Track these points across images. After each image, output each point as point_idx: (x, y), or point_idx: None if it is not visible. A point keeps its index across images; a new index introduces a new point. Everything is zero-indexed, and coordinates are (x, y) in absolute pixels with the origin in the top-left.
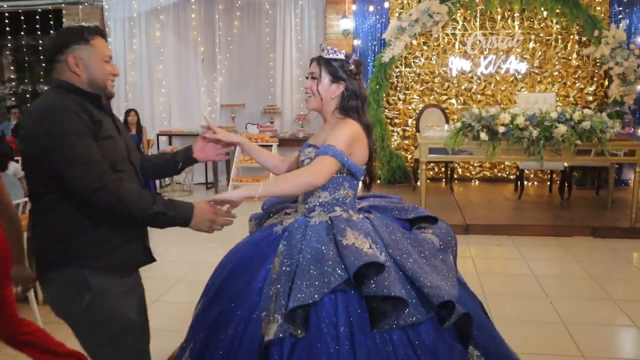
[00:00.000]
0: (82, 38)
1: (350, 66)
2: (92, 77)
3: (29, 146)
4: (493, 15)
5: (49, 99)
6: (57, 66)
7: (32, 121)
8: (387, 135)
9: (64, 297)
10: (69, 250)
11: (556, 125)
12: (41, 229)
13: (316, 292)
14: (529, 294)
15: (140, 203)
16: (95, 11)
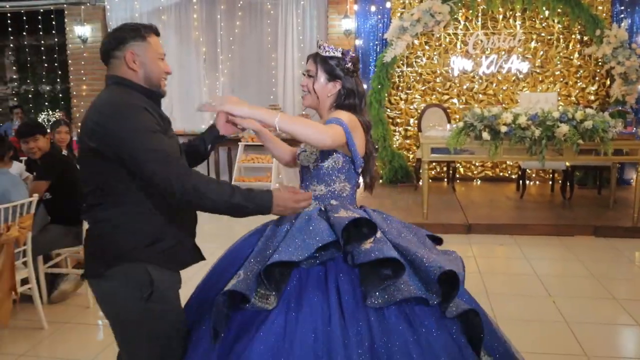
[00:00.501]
0: (139, 34)
1: (347, 64)
2: (147, 73)
3: (101, 143)
4: (495, 15)
5: (115, 96)
6: (114, 62)
7: (105, 118)
8: (389, 135)
9: (125, 292)
10: (132, 245)
11: (558, 124)
12: (104, 225)
13: (299, 251)
14: (532, 293)
15: (220, 195)
16: (98, 11)
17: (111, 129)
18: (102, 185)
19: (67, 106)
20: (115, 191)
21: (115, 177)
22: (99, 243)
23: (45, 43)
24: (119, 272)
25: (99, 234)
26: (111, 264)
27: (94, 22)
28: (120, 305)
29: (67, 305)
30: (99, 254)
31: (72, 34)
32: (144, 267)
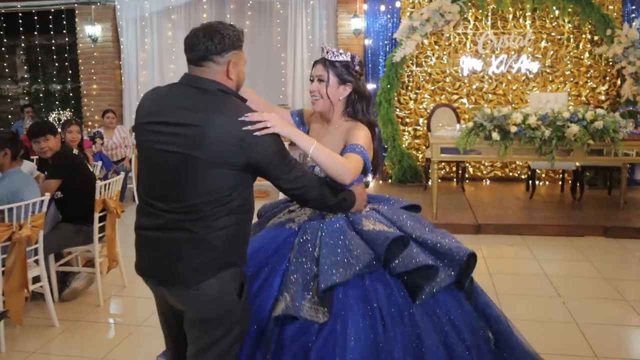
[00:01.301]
0: (239, 43)
1: (355, 67)
2: (239, 83)
3: (244, 157)
4: (504, 15)
5: (233, 105)
6: (211, 66)
7: (250, 134)
8: (398, 135)
9: (227, 291)
10: (237, 251)
11: (568, 125)
12: (219, 233)
13: (345, 273)
14: (541, 294)
15: (332, 193)
16: (108, 11)
17: (254, 148)
18: (222, 197)
19: (77, 105)
20: (234, 200)
21: (236, 190)
22: (207, 249)
23: (56, 42)
24: (226, 275)
25: (209, 242)
26: (217, 268)
27: (104, 22)
28: (225, 303)
29: (78, 304)
30: (206, 260)
31: (83, 33)
32: (241, 269)
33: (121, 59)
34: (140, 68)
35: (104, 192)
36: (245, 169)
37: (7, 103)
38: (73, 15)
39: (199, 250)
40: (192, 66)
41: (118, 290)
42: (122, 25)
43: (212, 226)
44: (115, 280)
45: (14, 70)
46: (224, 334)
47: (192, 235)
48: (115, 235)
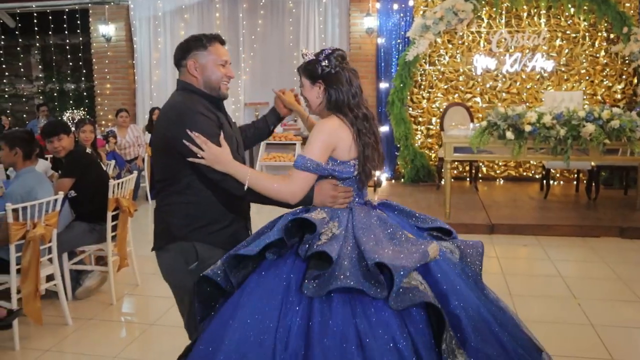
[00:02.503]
0: (201, 44)
1: (321, 62)
2: (206, 79)
3: (169, 145)
4: (519, 13)
5: (180, 101)
6: (181, 70)
7: (170, 123)
8: (411, 134)
9: (176, 264)
10: (189, 227)
11: (584, 124)
12: (170, 207)
13: (252, 248)
14: (556, 295)
15: (269, 190)
16: (121, 11)
17: (175, 134)
18: (168, 177)
19: (91, 104)
20: (179, 183)
21: (180, 172)
22: (162, 222)
23: (70, 42)
24: (176, 248)
25: (162, 215)
26: (169, 240)
27: (117, 21)
28: (174, 273)
29: (92, 302)
30: (161, 232)
31: (97, 32)
32: (192, 245)
33: (134, 58)
34: (154, 67)
35: (117, 191)
36: (172, 152)
37: (22, 102)
38: (87, 15)
39: (158, 221)
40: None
41: (131, 289)
42: (135, 24)
43: (164, 201)
44: (129, 278)
45: (29, 69)
46: (179, 300)
47: (157, 207)
48: (127, 234)
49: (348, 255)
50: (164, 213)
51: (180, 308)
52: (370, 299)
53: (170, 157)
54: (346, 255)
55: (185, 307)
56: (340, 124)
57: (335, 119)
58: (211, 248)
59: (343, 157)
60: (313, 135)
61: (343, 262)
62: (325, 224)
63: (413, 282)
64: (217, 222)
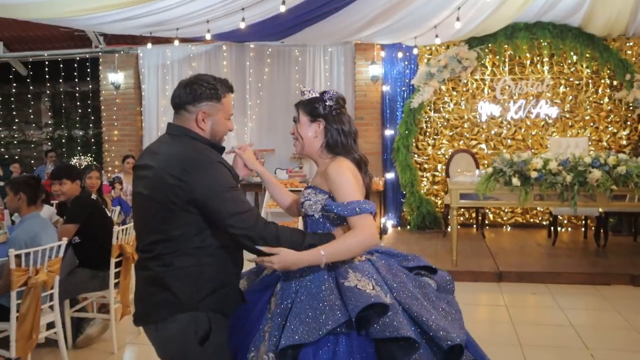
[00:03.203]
0: (215, 95)
1: (326, 102)
2: (213, 132)
3: (185, 198)
4: (522, 61)
5: (190, 148)
6: (185, 114)
7: (188, 175)
8: (416, 181)
9: (184, 335)
10: (200, 294)
11: (590, 170)
12: (175, 272)
13: (310, 333)
14: (568, 345)
15: (294, 239)
16: (131, 59)
17: (192, 187)
18: (175, 236)
19: (98, 150)
20: (189, 242)
21: (190, 230)
22: (163, 289)
23: (80, 89)
24: (183, 318)
25: (165, 281)
26: (175, 310)
27: (126, 69)
28: (181, 346)
29: (92, 350)
30: (162, 300)
31: (106, 80)
32: (206, 315)
33: (142, 105)
34: (161, 114)
35: (121, 237)
36: (188, 207)
37: (31, 148)
38: (97, 63)
39: (157, 289)
40: (174, 114)
41: (133, 338)
42: (144, 72)
43: (168, 265)
44: (131, 327)
45: (38, 116)
46: None
47: (151, 273)
48: (131, 281)
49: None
50: (168, 279)
51: None
52: None
53: (178, 212)
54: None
55: None
56: (352, 165)
57: (345, 159)
58: (220, 317)
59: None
60: (342, 179)
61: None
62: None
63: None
64: (226, 285)
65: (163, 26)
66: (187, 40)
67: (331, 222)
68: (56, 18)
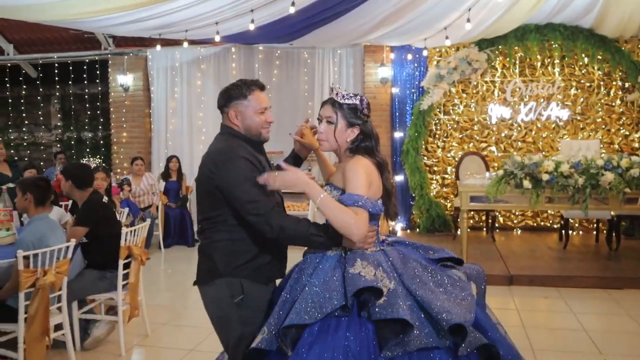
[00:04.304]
0: (241, 94)
1: (364, 110)
2: (247, 126)
3: (214, 187)
4: (532, 62)
5: (224, 145)
6: (224, 115)
7: (215, 165)
8: (426, 183)
9: (222, 297)
10: (234, 264)
11: (603, 172)
12: (215, 244)
13: (310, 315)
14: (581, 350)
15: (298, 229)
16: (140, 61)
17: (220, 177)
18: (212, 216)
19: (107, 152)
20: (223, 221)
21: (224, 212)
22: (207, 258)
23: (89, 91)
24: (222, 282)
25: (208, 251)
26: (215, 276)
27: (135, 71)
28: (220, 305)
29: (100, 353)
30: (207, 267)
31: (115, 82)
32: (239, 281)
33: (151, 107)
34: (170, 116)
35: (129, 239)
36: (217, 193)
37: (40, 150)
38: (106, 66)
39: (203, 257)
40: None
41: (140, 340)
42: (153, 74)
43: (209, 238)
44: (138, 329)
45: (48, 118)
46: (225, 334)
47: (201, 244)
48: (139, 283)
49: (412, 310)
50: (209, 249)
51: (221, 338)
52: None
53: (214, 197)
54: (413, 312)
55: (226, 339)
56: (371, 164)
57: (365, 159)
58: (254, 284)
59: (374, 197)
60: (354, 175)
61: (415, 322)
62: (377, 277)
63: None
64: (258, 259)
65: (172, 28)
66: (196, 43)
67: None
68: (62, 20)
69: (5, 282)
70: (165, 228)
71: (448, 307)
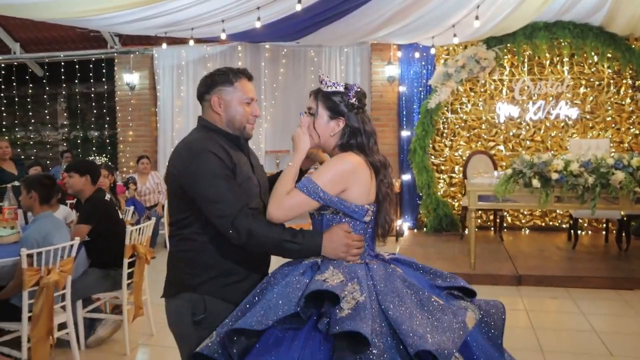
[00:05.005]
0: (226, 79)
1: (351, 99)
2: (230, 117)
3: (177, 184)
4: (541, 61)
5: (195, 139)
6: (204, 105)
7: (180, 160)
8: (433, 183)
9: (182, 314)
10: (200, 278)
11: (613, 171)
12: (181, 254)
13: (258, 322)
14: (591, 352)
15: (269, 234)
16: (146, 60)
17: (184, 174)
18: (178, 220)
19: (113, 151)
20: (189, 225)
21: (190, 215)
22: (173, 269)
23: (95, 90)
24: (185, 297)
25: (173, 261)
26: (179, 289)
27: (141, 70)
28: (179, 324)
29: (104, 352)
30: (171, 279)
31: (121, 81)
32: (202, 298)
33: (157, 106)
34: (176, 115)
35: (134, 237)
36: (180, 192)
37: (47, 149)
38: (112, 64)
39: (170, 267)
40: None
41: (145, 339)
42: (158, 73)
43: (176, 246)
44: (144, 328)
45: (54, 117)
46: (183, 352)
47: (169, 252)
48: (143, 282)
49: (380, 331)
50: (176, 259)
51: (181, 356)
52: None
53: (179, 198)
54: (378, 331)
55: (183, 357)
56: (360, 164)
57: (355, 156)
58: (221, 302)
59: (356, 201)
60: (328, 165)
61: (376, 342)
62: (344, 286)
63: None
64: (229, 275)
65: (178, 26)
66: (202, 41)
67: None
68: (68, 18)
69: (10, 280)
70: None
71: (421, 332)
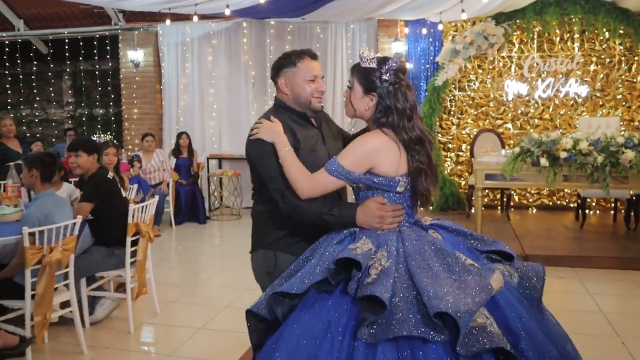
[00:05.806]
0: (290, 62)
1: (382, 75)
2: (296, 94)
3: (249, 156)
4: (551, 37)
5: (263, 117)
6: (277, 87)
7: (248, 138)
8: (440, 161)
9: (260, 267)
10: (272, 237)
11: (623, 150)
12: (257, 216)
13: (298, 285)
14: (598, 333)
15: (310, 208)
16: (150, 37)
17: (250, 150)
18: (255, 187)
19: (118, 129)
20: (263, 193)
21: (261, 184)
22: (253, 227)
23: (100, 68)
24: (261, 252)
25: (253, 221)
26: (257, 246)
27: (146, 47)
28: (258, 276)
29: (109, 330)
30: (253, 236)
31: (125, 58)
32: (274, 253)
33: (162, 83)
34: (181, 92)
35: (137, 215)
36: (252, 166)
37: (53, 127)
38: (117, 41)
39: (253, 226)
40: None
41: (150, 317)
42: (163, 50)
43: (254, 209)
44: (148, 306)
45: (59, 95)
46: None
47: (251, 213)
48: (147, 260)
49: (403, 295)
50: (254, 220)
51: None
52: (420, 342)
53: (252, 170)
54: (401, 294)
55: None
56: (385, 144)
57: (381, 136)
58: (289, 256)
59: (388, 174)
60: (353, 146)
61: (399, 304)
62: (373, 254)
63: (479, 320)
64: (295, 235)
65: (182, 2)
66: (206, 17)
67: (363, 192)
68: None
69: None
70: (176, 205)
71: (441, 294)
